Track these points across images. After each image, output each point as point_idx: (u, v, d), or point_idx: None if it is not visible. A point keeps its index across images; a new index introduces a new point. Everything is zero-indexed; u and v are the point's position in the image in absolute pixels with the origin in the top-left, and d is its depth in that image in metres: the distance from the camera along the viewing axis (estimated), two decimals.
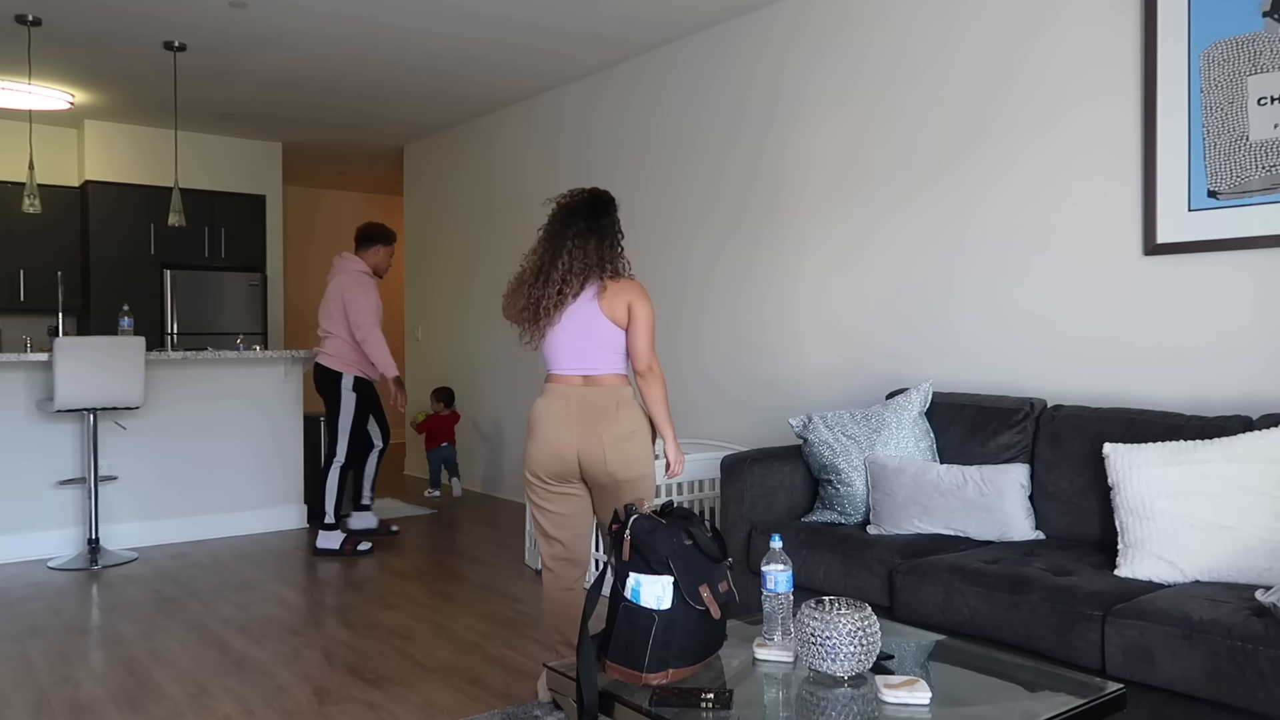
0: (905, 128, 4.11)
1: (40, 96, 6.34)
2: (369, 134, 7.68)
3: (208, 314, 7.61)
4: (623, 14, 4.90)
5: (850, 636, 1.96)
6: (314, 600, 4.24)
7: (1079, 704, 1.87)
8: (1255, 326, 3.05)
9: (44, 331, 7.46)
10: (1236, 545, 2.56)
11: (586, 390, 2.83)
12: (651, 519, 2.14)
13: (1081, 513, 3.09)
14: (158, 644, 3.64)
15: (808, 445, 3.56)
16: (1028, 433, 3.30)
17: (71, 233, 7.39)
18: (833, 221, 4.42)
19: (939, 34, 3.97)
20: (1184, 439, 2.84)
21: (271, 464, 5.80)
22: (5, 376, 4.99)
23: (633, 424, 2.82)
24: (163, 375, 5.43)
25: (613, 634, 2.08)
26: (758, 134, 4.81)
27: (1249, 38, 3.03)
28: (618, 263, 2.88)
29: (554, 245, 2.84)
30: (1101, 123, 3.43)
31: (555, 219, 2.88)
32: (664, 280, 5.40)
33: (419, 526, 5.89)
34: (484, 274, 7.08)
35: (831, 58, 4.43)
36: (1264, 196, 3.00)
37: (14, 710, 3.00)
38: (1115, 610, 2.41)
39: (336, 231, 10.17)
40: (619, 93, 5.74)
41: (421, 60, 5.71)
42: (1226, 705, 2.19)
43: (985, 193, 3.81)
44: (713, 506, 4.53)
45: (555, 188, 6.29)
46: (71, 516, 5.19)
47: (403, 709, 2.98)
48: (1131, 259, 3.35)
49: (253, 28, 5.16)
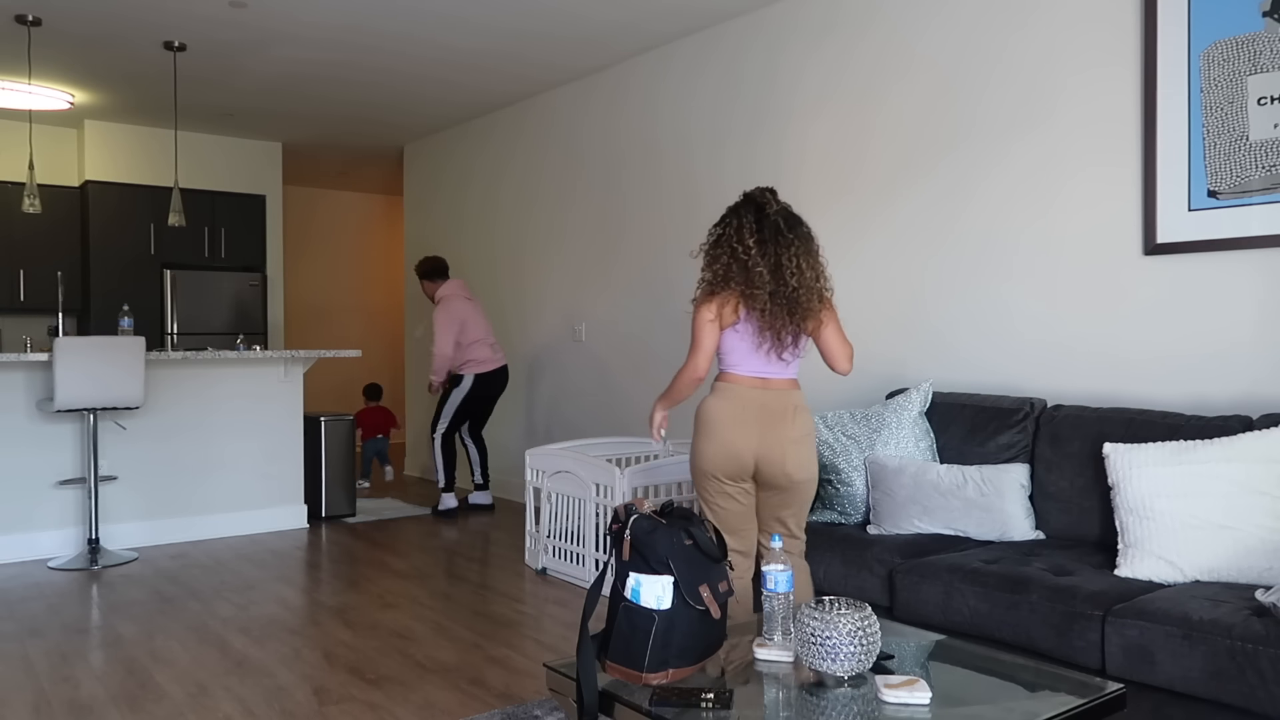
0: (905, 126, 4.11)
1: (40, 96, 6.34)
2: (369, 134, 7.68)
3: (208, 314, 7.61)
4: (620, 17, 4.90)
5: (850, 636, 1.96)
6: (314, 600, 4.24)
7: (1079, 704, 1.87)
8: (1256, 326, 3.05)
9: (44, 331, 7.46)
10: (1236, 545, 2.56)
11: (765, 394, 2.84)
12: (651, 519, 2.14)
13: (1081, 513, 3.09)
14: (158, 644, 3.64)
15: None
16: (1028, 433, 3.30)
17: (71, 233, 7.39)
18: (831, 220, 4.42)
19: (936, 34, 3.97)
20: (1184, 439, 2.85)
21: (271, 464, 5.80)
22: (5, 376, 4.99)
23: (807, 427, 2.86)
24: (163, 375, 5.43)
25: (613, 634, 2.08)
26: (754, 133, 4.81)
27: (1249, 37, 3.03)
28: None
29: (775, 250, 2.80)
30: (1101, 122, 3.43)
31: (767, 225, 2.82)
32: (663, 280, 5.40)
33: (419, 526, 5.89)
34: (484, 273, 7.08)
35: (825, 57, 4.43)
36: (1264, 196, 3.00)
37: (14, 710, 3.00)
38: (1115, 610, 2.41)
39: (336, 231, 10.18)
40: (618, 93, 5.74)
41: (421, 61, 5.71)
42: (1226, 705, 2.19)
43: (984, 192, 3.81)
44: None
45: (554, 187, 6.30)
46: (71, 516, 5.19)
47: (403, 709, 2.98)
48: (1132, 259, 3.35)
49: (253, 28, 5.16)
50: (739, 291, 2.79)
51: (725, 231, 2.86)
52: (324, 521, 6.05)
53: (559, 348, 6.28)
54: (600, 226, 5.90)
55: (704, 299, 2.87)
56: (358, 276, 10.19)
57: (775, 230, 2.79)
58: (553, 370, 6.34)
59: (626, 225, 5.69)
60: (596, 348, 5.94)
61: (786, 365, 2.85)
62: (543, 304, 6.45)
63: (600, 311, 5.91)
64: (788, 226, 2.81)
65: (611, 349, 5.82)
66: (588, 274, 6.01)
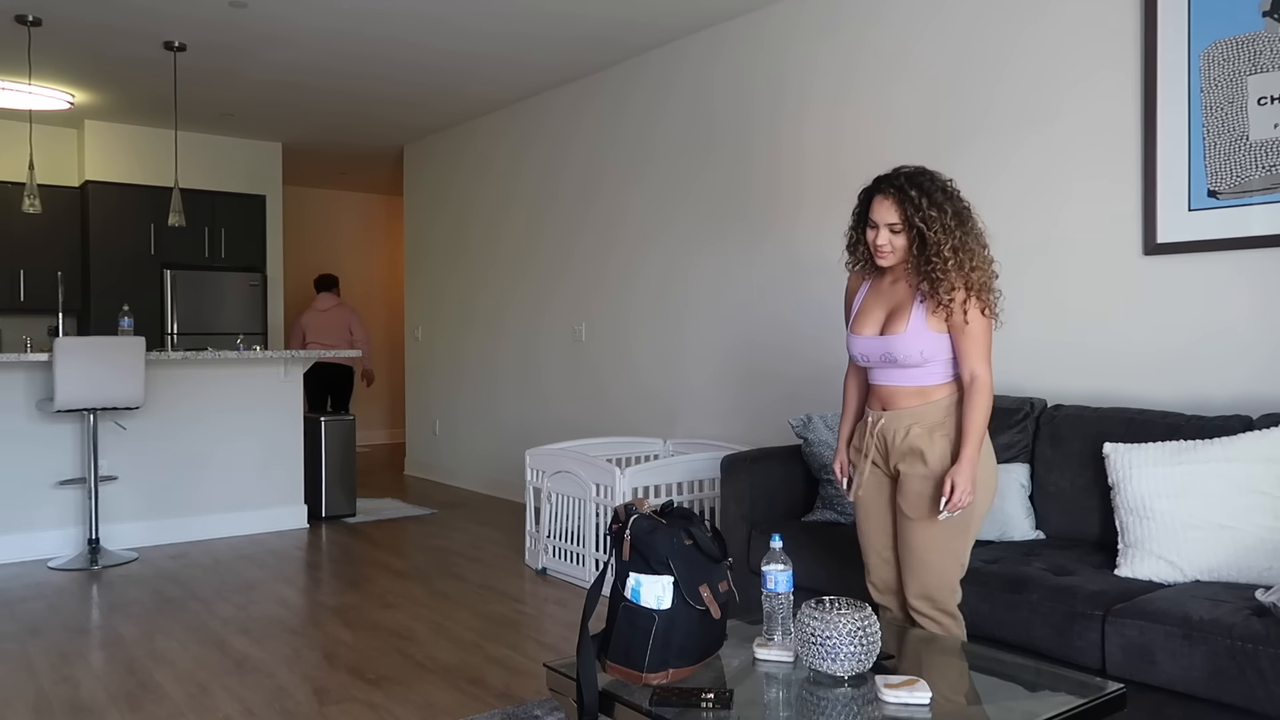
0: (903, 126, 4.11)
1: (40, 96, 6.34)
2: (369, 134, 7.68)
3: (208, 314, 7.61)
4: (619, 17, 4.90)
5: (850, 636, 1.96)
6: (314, 600, 4.24)
7: (1079, 704, 1.86)
8: (1255, 326, 3.05)
9: (44, 331, 7.46)
10: (1236, 545, 2.56)
11: None
12: (651, 519, 2.14)
13: (1081, 512, 3.09)
14: (158, 644, 3.64)
15: (808, 445, 3.56)
16: (1028, 432, 3.30)
17: (71, 233, 7.39)
18: (831, 220, 4.42)
19: (935, 31, 3.97)
20: (1184, 439, 2.84)
21: (271, 464, 5.80)
22: (5, 376, 4.99)
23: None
24: (163, 375, 5.43)
25: (613, 634, 2.08)
26: (755, 133, 4.81)
27: (1249, 37, 3.03)
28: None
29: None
30: (1101, 122, 3.43)
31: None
32: (663, 280, 5.40)
33: (419, 526, 5.89)
34: (484, 273, 7.08)
35: (826, 57, 4.43)
36: (1264, 196, 3.00)
37: (14, 710, 3.00)
38: (1115, 610, 2.41)
39: (336, 232, 10.18)
40: (617, 93, 5.74)
41: (421, 61, 5.70)
42: (1226, 705, 2.20)
43: (984, 191, 3.81)
44: (713, 506, 4.53)
45: (554, 187, 6.30)
46: (72, 516, 5.19)
47: (403, 709, 2.98)
48: (1132, 259, 3.35)
49: (253, 28, 5.16)
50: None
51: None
52: (324, 521, 6.05)
53: (559, 348, 6.28)
54: (600, 226, 5.90)
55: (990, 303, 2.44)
56: (358, 277, 10.18)
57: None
58: (553, 370, 6.34)
59: (627, 224, 5.68)
60: (596, 348, 5.94)
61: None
62: (543, 303, 6.45)
63: (600, 311, 5.91)
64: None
65: (611, 349, 5.82)
66: (588, 274, 6.01)
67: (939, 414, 2.43)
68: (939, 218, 2.39)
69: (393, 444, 10.27)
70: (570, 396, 6.18)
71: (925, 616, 2.45)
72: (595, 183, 5.93)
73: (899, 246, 2.46)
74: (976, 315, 2.39)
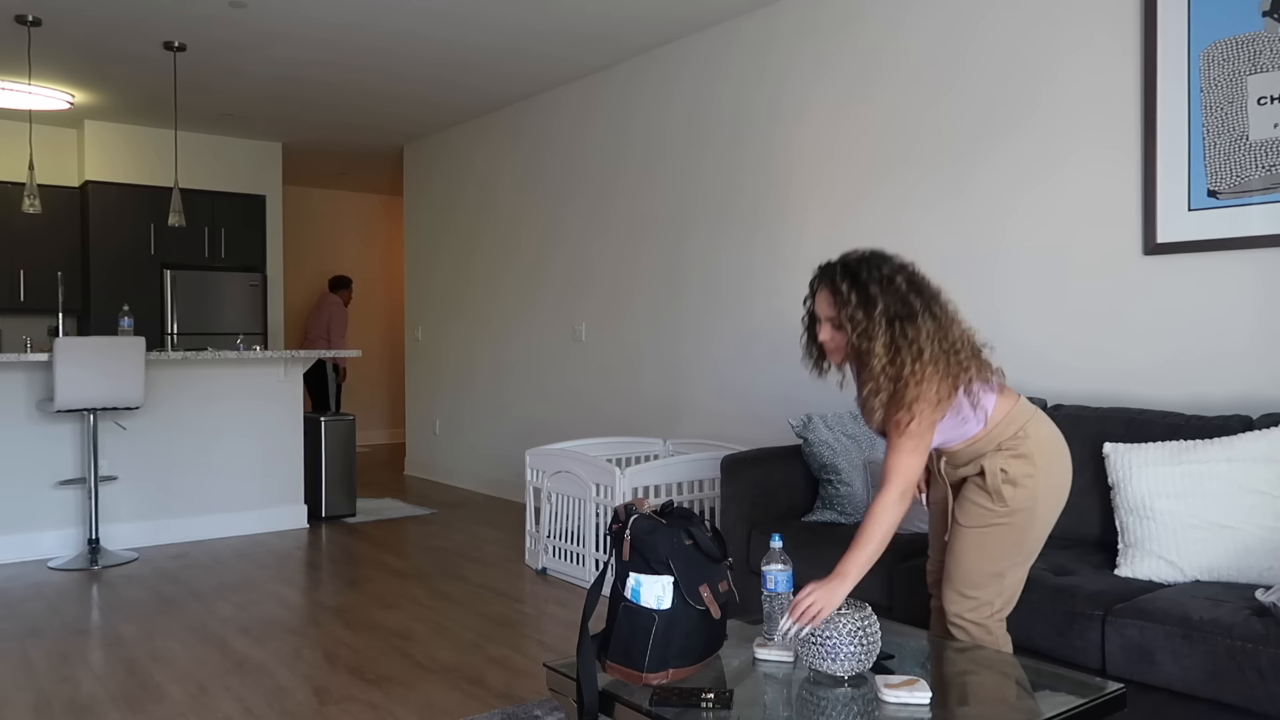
0: (904, 129, 4.11)
1: (40, 96, 6.34)
2: (369, 134, 7.68)
3: (208, 314, 7.61)
4: (622, 15, 4.90)
5: (850, 636, 1.96)
6: (314, 600, 4.24)
7: (1079, 704, 1.86)
8: (1255, 326, 3.05)
9: (44, 331, 7.46)
10: (1236, 545, 2.56)
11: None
12: (651, 519, 2.14)
13: (1081, 512, 3.09)
14: (158, 644, 3.64)
15: (808, 445, 3.56)
16: None
17: (71, 233, 7.39)
18: (833, 220, 4.42)
19: (940, 36, 3.97)
20: (1184, 439, 2.84)
21: (271, 464, 5.80)
22: (5, 376, 4.99)
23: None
24: (163, 375, 5.43)
25: (613, 634, 2.08)
26: (759, 133, 4.81)
27: (1249, 37, 3.03)
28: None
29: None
30: (1101, 121, 3.43)
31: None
32: (666, 279, 5.40)
33: (419, 526, 5.89)
34: (484, 273, 7.08)
35: (833, 59, 4.43)
36: (1264, 196, 3.00)
37: (14, 710, 3.00)
38: (1115, 610, 2.41)
39: (336, 231, 10.18)
40: (617, 93, 5.74)
41: (421, 60, 5.70)
42: (1226, 705, 2.20)
43: (984, 191, 3.81)
44: (713, 506, 4.53)
45: (554, 186, 6.30)
46: (72, 516, 5.19)
47: (403, 709, 2.98)
48: (1131, 258, 3.35)
49: (253, 28, 5.16)
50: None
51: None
52: (324, 521, 6.05)
53: (559, 348, 6.28)
54: (600, 226, 5.90)
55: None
56: (358, 277, 10.18)
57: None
58: (553, 370, 6.34)
59: (627, 224, 5.68)
60: (596, 348, 5.94)
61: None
62: (543, 303, 6.45)
63: (600, 311, 5.91)
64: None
65: (611, 349, 5.82)
66: (588, 274, 6.01)
67: (991, 445, 2.28)
68: (864, 322, 2.12)
69: (393, 444, 10.27)
70: (570, 396, 6.18)
71: (955, 625, 2.36)
72: (594, 182, 5.93)
73: (840, 344, 2.21)
74: (910, 425, 2.12)
